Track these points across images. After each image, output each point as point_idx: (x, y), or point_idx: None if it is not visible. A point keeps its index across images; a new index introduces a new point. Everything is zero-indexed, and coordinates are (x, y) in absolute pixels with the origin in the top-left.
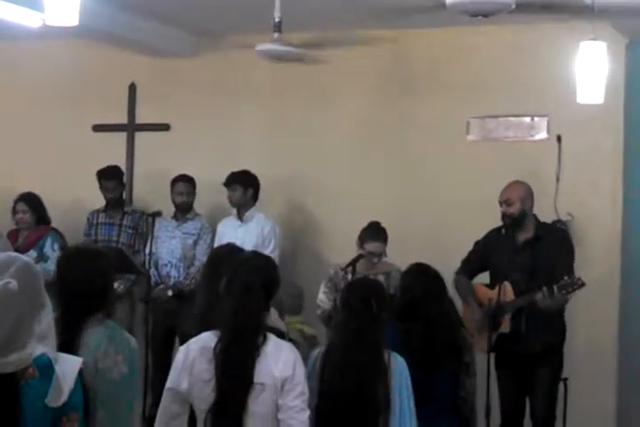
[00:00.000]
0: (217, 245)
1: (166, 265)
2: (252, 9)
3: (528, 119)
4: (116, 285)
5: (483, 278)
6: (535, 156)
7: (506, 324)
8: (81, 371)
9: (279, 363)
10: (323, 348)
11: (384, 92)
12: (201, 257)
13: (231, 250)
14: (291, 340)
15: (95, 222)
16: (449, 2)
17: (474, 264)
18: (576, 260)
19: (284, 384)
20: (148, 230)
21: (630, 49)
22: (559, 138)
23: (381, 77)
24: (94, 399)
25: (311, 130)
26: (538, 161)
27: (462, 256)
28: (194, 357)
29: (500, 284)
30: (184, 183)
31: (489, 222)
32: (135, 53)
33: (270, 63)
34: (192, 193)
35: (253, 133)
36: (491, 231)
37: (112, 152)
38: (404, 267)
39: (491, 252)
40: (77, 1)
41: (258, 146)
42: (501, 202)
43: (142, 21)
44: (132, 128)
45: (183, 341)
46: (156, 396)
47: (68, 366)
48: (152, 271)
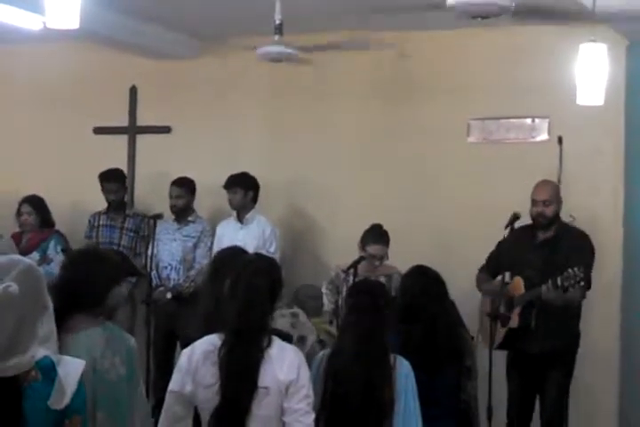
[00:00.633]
0: (216, 247)
1: (166, 267)
2: (253, 11)
3: (529, 121)
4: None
5: None
6: (536, 157)
7: (515, 318)
8: (83, 373)
9: (284, 366)
10: (327, 350)
11: (385, 94)
12: (201, 260)
13: (235, 252)
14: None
15: (96, 225)
16: (449, 4)
17: (495, 262)
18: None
19: (289, 388)
20: (150, 233)
21: (630, 51)
22: (560, 139)
23: (382, 80)
24: (93, 401)
25: (312, 133)
26: (539, 163)
27: (464, 258)
28: (198, 360)
29: (502, 279)
30: (176, 187)
31: (490, 224)
32: (136, 56)
33: (271, 66)
34: (186, 196)
35: (254, 136)
36: (514, 230)
37: (113, 155)
38: (405, 269)
39: (511, 251)
40: (78, 4)
41: (259, 148)
42: (538, 201)
43: (143, 24)
44: (134, 131)
45: (185, 343)
46: (158, 398)
47: (71, 368)
48: (153, 274)
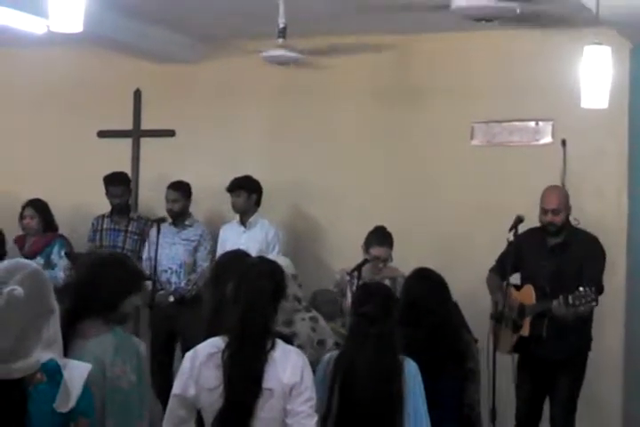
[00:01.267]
0: (219, 250)
1: (166, 271)
2: (257, 15)
3: (533, 124)
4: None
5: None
6: (540, 160)
7: (526, 327)
8: (89, 377)
9: (287, 369)
10: (334, 353)
11: (388, 96)
12: (202, 263)
13: (237, 255)
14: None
15: (100, 228)
16: (453, 6)
17: (505, 264)
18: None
19: (292, 390)
20: (155, 236)
21: (634, 53)
22: (564, 142)
23: (385, 82)
24: (103, 408)
25: (315, 136)
26: (543, 166)
27: (467, 261)
28: (201, 363)
29: (507, 287)
30: (172, 191)
31: (494, 227)
32: (140, 59)
33: (275, 69)
34: (182, 200)
35: (258, 139)
36: (524, 232)
37: (117, 158)
38: (409, 272)
39: (522, 253)
40: (82, 7)
41: (262, 152)
42: (547, 210)
43: (147, 28)
44: (138, 134)
45: (185, 346)
46: (162, 401)
47: (77, 371)
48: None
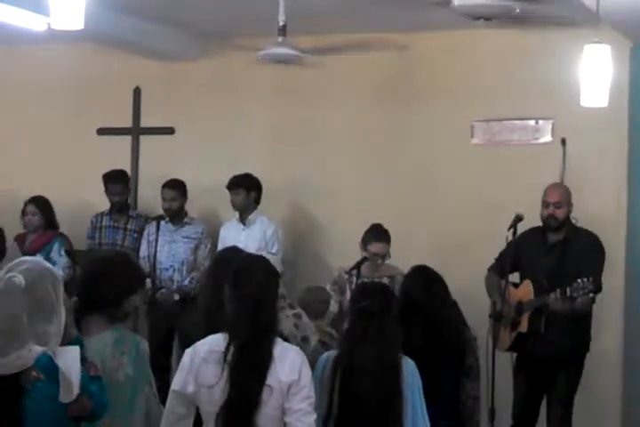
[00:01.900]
0: (220, 248)
1: (167, 269)
2: (257, 12)
3: (532, 122)
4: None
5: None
6: (540, 159)
7: (524, 323)
8: (83, 357)
9: (285, 367)
10: (333, 352)
11: (388, 95)
12: (203, 261)
13: (235, 252)
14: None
15: (99, 226)
16: (453, 5)
17: (505, 262)
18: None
19: (291, 388)
20: (155, 234)
21: (634, 52)
22: (564, 141)
23: (385, 81)
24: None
25: (315, 133)
26: (542, 164)
27: (466, 259)
28: (201, 360)
29: (506, 284)
30: (167, 189)
31: (493, 225)
32: (140, 57)
33: (275, 67)
34: (179, 198)
35: (258, 137)
36: (525, 232)
37: (117, 156)
38: (407, 270)
39: (521, 252)
40: (82, 5)
41: (262, 149)
42: (549, 203)
43: (147, 25)
44: (137, 132)
45: (183, 343)
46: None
47: (69, 358)
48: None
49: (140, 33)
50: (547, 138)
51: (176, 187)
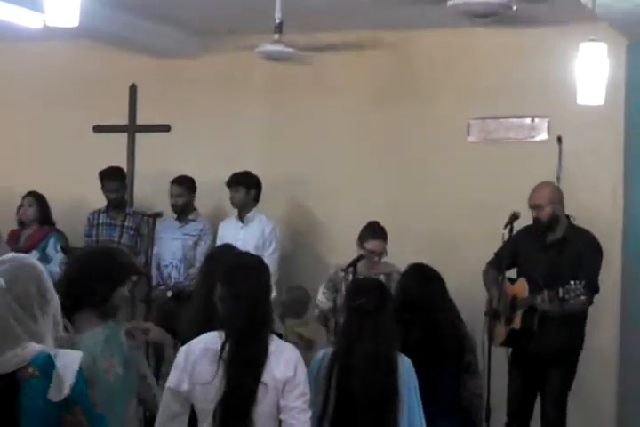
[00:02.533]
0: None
1: (167, 266)
2: (254, 10)
3: (529, 120)
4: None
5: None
6: (536, 157)
7: (517, 320)
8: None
9: (280, 364)
10: (329, 349)
11: (385, 93)
12: (201, 258)
13: (228, 250)
14: (295, 344)
15: (96, 223)
16: (450, 3)
17: (503, 258)
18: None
19: (286, 385)
20: (150, 231)
21: (630, 50)
22: (560, 139)
23: (382, 78)
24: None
25: (312, 131)
26: (538, 162)
27: (463, 256)
28: (195, 358)
29: (502, 281)
30: (175, 186)
31: (489, 223)
32: (136, 54)
33: (271, 64)
34: (185, 195)
35: (254, 134)
36: (523, 228)
37: (113, 153)
38: (405, 268)
39: (520, 248)
40: (78, 2)
41: (258, 147)
42: (531, 206)
43: (143, 22)
44: (133, 129)
45: (183, 342)
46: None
47: (69, 360)
48: (154, 272)
49: (136, 30)
50: (543, 136)
51: (182, 183)
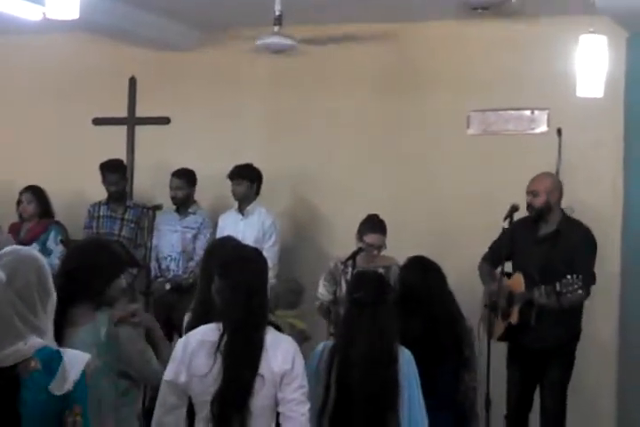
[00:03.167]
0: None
1: (166, 258)
2: (253, 2)
3: (528, 113)
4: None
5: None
6: (535, 149)
7: (514, 315)
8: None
9: (278, 356)
10: (329, 342)
11: (385, 85)
12: (200, 251)
13: (227, 242)
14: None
15: (96, 215)
16: None
17: (498, 252)
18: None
19: (283, 378)
20: (149, 224)
21: (630, 42)
22: (559, 131)
23: (382, 71)
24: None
25: (312, 123)
26: (538, 154)
27: (462, 249)
28: (193, 349)
29: (500, 276)
30: (176, 178)
31: (489, 216)
32: (136, 47)
33: (271, 57)
34: (185, 187)
35: (254, 127)
36: (518, 221)
37: (112, 146)
38: (405, 260)
39: (515, 242)
40: None
41: (259, 139)
42: (528, 192)
43: (143, 15)
44: (133, 121)
45: (181, 334)
46: (155, 388)
47: (76, 359)
48: (153, 264)
49: (136, 22)
50: (542, 128)
51: (182, 176)
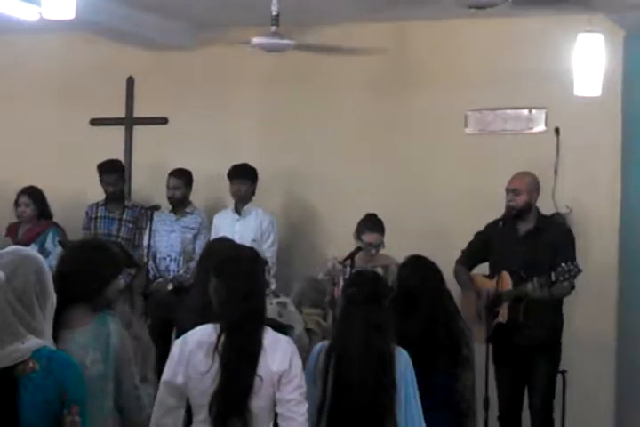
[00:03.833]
0: (213, 238)
1: (165, 259)
2: (251, 2)
3: (526, 112)
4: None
5: (482, 269)
6: (533, 148)
7: (503, 314)
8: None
9: (276, 357)
10: (325, 342)
11: (383, 84)
12: (200, 251)
13: (225, 242)
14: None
15: (94, 216)
16: None
17: (474, 255)
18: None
19: (281, 378)
20: (147, 224)
21: (627, 41)
22: (557, 130)
23: (380, 70)
24: None
25: (309, 123)
26: (536, 154)
27: (460, 248)
28: (190, 350)
29: (498, 274)
30: (173, 178)
31: (487, 215)
32: (133, 47)
33: (268, 57)
34: (182, 187)
35: (252, 127)
36: (491, 222)
37: (110, 146)
38: (403, 259)
39: (491, 243)
40: None
41: (256, 139)
42: (508, 190)
43: (140, 14)
44: (130, 122)
45: (180, 334)
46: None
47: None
48: (150, 264)
49: (133, 22)
50: (540, 127)
51: (180, 176)
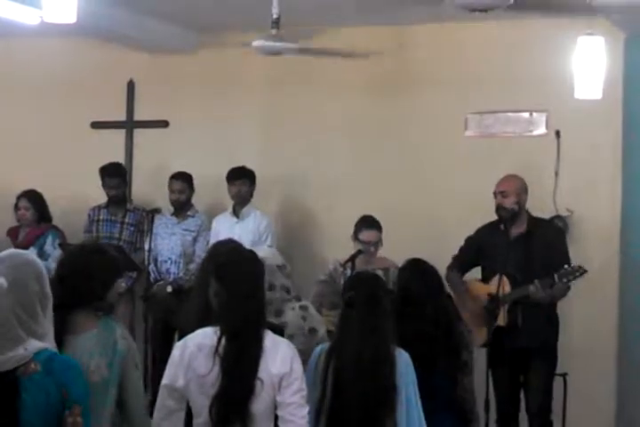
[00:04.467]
0: (213, 241)
1: (166, 262)
2: (251, 5)
3: (526, 115)
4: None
5: (473, 274)
6: (534, 151)
7: (502, 317)
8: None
9: (276, 360)
10: (325, 345)
11: (383, 87)
12: (201, 254)
13: (228, 245)
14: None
15: (96, 219)
16: None
17: (466, 260)
18: (574, 255)
19: (282, 381)
20: (148, 227)
21: (628, 44)
22: (558, 133)
23: (380, 73)
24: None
25: (309, 126)
26: (536, 156)
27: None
28: (191, 353)
29: (500, 277)
30: (176, 181)
31: (486, 218)
32: (133, 50)
33: (268, 60)
34: (185, 191)
35: (252, 130)
36: (482, 227)
37: (111, 149)
38: (402, 262)
39: (484, 247)
40: None
41: (256, 142)
42: (497, 193)
43: (140, 18)
44: (131, 125)
45: (182, 337)
46: (156, 392)
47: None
48: (151, 268)
49: (134, 26)
50: (541, 130)
51: (185, 179)
